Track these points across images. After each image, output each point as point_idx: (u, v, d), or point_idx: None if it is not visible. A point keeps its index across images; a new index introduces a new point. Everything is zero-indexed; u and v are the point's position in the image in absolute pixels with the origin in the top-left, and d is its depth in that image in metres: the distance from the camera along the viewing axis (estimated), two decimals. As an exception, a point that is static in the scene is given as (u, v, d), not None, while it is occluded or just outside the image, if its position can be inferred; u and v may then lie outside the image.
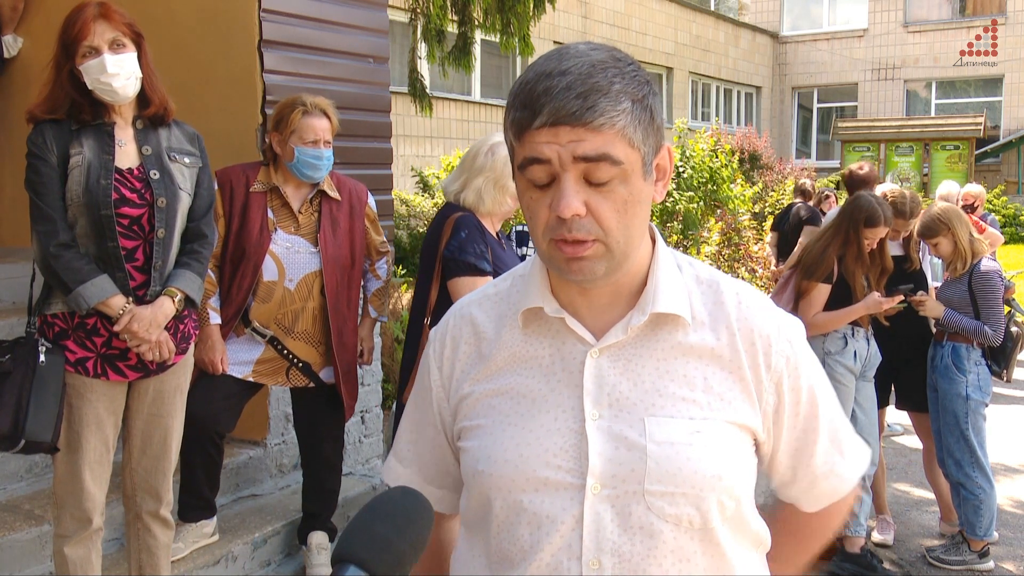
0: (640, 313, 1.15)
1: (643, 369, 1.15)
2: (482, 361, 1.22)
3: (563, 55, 1.06)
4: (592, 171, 1.05)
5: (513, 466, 1.14)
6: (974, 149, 18.27)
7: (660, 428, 1.12)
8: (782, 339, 1.19)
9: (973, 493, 3.92)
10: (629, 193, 1.07)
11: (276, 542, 3.55)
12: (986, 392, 3.96)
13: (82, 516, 2.56)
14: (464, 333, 1.26)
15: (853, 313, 3.80)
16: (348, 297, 3.32)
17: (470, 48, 6.65)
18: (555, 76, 1.04)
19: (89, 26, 2.45)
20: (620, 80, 1.05)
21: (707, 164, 9.03)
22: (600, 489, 1.11)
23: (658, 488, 1.11)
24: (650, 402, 1.14)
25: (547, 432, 1.14)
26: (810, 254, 3.93)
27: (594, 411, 1.14)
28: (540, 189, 1.08)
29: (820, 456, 1.23)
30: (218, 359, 3.14)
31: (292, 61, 3.95)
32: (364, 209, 3.39)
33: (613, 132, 1.04)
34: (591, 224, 1.06)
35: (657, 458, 1.11)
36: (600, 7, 16.20)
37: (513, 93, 1.09)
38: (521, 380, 1.19)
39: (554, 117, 1.03)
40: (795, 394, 1.20)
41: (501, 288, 1.27)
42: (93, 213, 2.48)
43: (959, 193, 6.78)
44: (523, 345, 1.20)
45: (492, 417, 1.19)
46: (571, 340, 1.18)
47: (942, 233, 3.93)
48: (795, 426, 1.21)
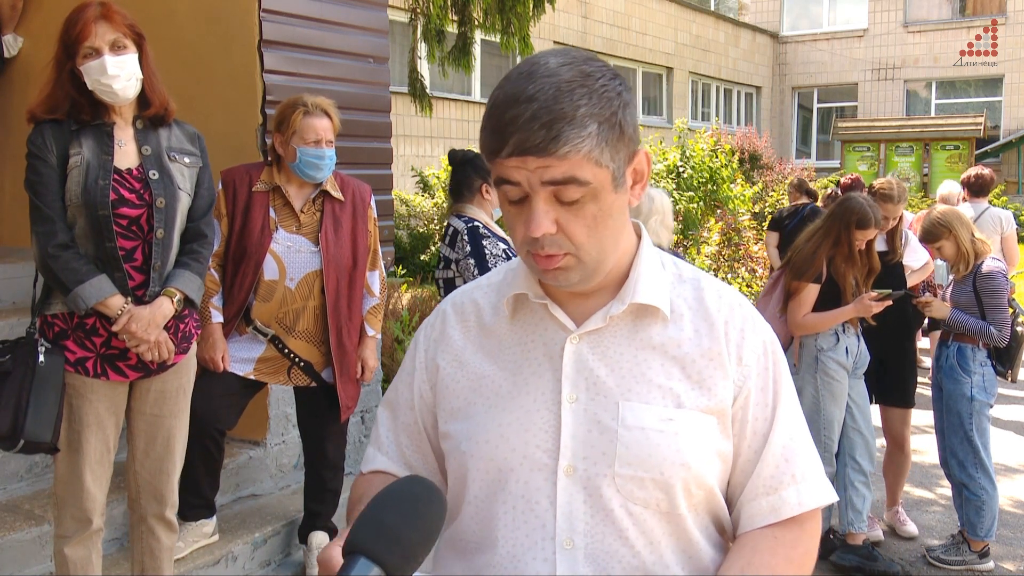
0: (620, 303, 1.20)
1: (621, 356, 1.19)
2: (471, 347, 1.27)
3: (532, 75, 1.08)
4: (560, 192, 1.08)
5: (493, 446, 1.18)
6: (974, 149, 18.26)
7: (633, 413, 1.16)
8: (757, 338, 1.22)
9: (976, 494, 3.92)
10: (599, 209, 1.11)
11: (276, 542, 3.55)
12: (991, 393, 3.95)
13: (82, 516, 2.56)
14: (457, 319, 1.31)
15: (843, 315, 3.83)
16: (349, 297, 3.31)
17: (470, 48, 6.66)
18: (521, 103, 1.06)
19: (90, 27, 2.45)
20: (587, 102, 1.06)
21: (707, 164, 9.03)
22: (573, 471, 1.16)
23: (627, 471, 1.14)
24: (626, 388, 1.17)
25: (526, 413, 1.19)
26: (800, 254, 3.94)
27: (571, 394, 1.18)
28: (515, 205, 1.12)
29: (768, 468, 1.21)
30: (219, 357, 3.15)
31: (292, 61, 3.95)
32: (367, 210, 3.37)
33: (579, 157, 1.06)
34: (562, 240, 1.11)
35: (627, 442, 1.15)
36: (600, 7, 16.19)
37: (486, 112, 1.11)
38: (505, 364, 1.23)
39: (520, 149, 1.06)
40: (761, 394, 1.21)
41: (494, 279, 1.33)
42: (91, 213, 2.47)
43: (960, 193, 6.77)
44: (510, 331, 1.25)
45: (476, 401, 1.23)
46: (553, 326, 1.22)
47: (944, 236, 3.93)
48: (755, 431, 1.21)
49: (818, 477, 1.23)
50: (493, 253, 3.34)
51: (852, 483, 3.93)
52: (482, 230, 3.35)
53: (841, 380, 3.90)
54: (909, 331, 4.16)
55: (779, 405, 1.22)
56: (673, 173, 8.87)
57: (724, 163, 9.20)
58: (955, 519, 4.21)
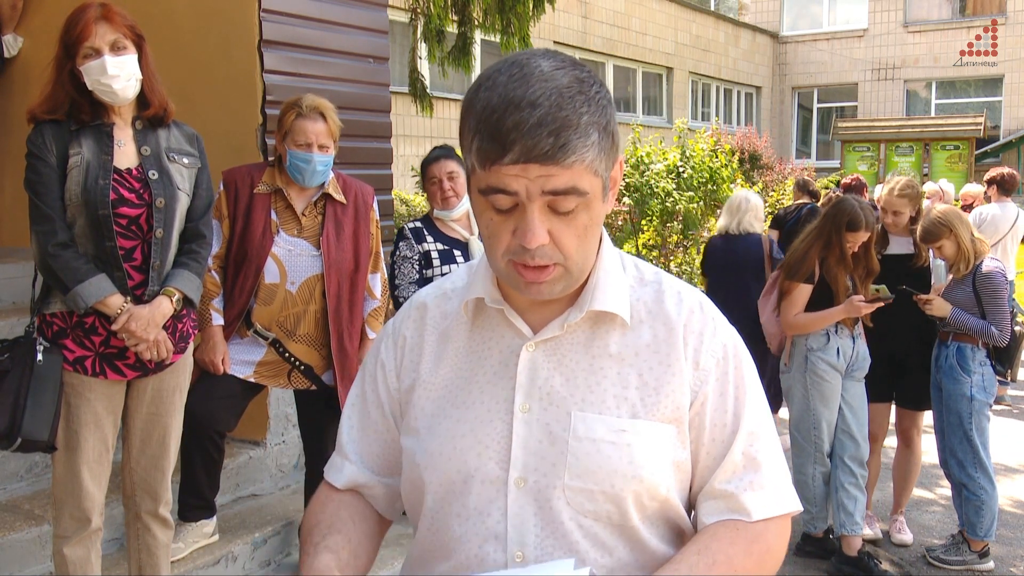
0: (578, 310, 1.17)
1: (576, 365, 1.16)
2: (430, 352, 1.24)
3: (528, 78, 1.03)
4: (558, 203, 1.05)
5: (446, 458, 1.16)
6: (974, 149, 18.25)
7: (584, 424, 1.13)
8: (716, 341, 1.19)
9: (975, 494, 3.92)
10: (590, 219, 1.09)
11: (276, 542, 3.55)
12: (990, 393, 3.95)
13: (81, 516, 2.56)
14: (418, 324, 1.28)
15: (833, 316, 3.83)
16: (350, 301, 3.28)
17: (470, 48, 6.66)
18: (524, 108, 1.01)
19: (91, 27, 2.46)
20: (587, 109, 1.03)
21: (707, 164, 9.03)
22: (523, 482, 1.13)
23: (576, 484, 1.12)
24: (580, 398, 1.15)
25: (480, 423, 1.16)
26: (793, 254, 3.98)
27: (524, 403, 1.15)
28: (502, 214, 1.07)
29: (726, 471, 1.17)
30: (219, 360, 3.14)
31: (292, 61, 3.95)
32: (370, 212, 3.35)
33: (583, 167, 1.04)
34: (552, 251, 1.08)
35: (577, 453, 1.12)
36: (600, 7, 16.19)
37: (477, 117, 1.05)
38: (461, 372, 1.21)
39: (526, 156, 1.01)
40: (720, 399, 1.17)
41: (457, 283, 1.29)
42: (91, 213, 2.48)
43: (935, 188, 6.87)
44: (467, 337, 1.22)
45: (431, 413, 1.21)
46: (509, 333, 1.19)
47: (944, 236, 3.93)
48: (713, 438, 1.17)
49: (780, 486, 1.19)
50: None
51: (842, 485, 3.92)
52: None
53: (831, 381, 3.90)
54: (928, 333, 4.13)
55: (740, 410, 1.18)
56: (673, 173, 8.85)
57: (724, 163, 9.18)
58: (955, 519, 4.22)
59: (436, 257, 3.60)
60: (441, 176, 3.62)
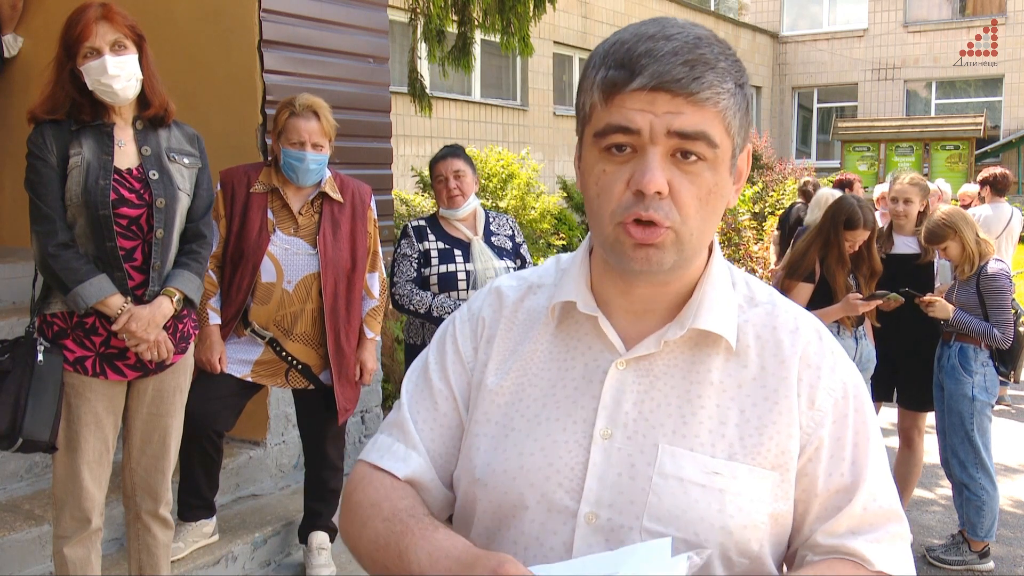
0: (678, 327, 1.03)
1: (671, 390, 1.02)
2: (503, 348, 1.11)
3: (663, 22, 0.95)
4: (686, 146, 0.94)
5: (510, 477, 1.03)
6: (974, 149, 18.26)
7: (673, 460, 0.99)
8: (836, 378, 1.03)
9: (976, 494, 3.92)
10: (715, 183, 0.96)
11: (276, 542, 3.55)
12: (992, 393, 3.95)
13: (81, 516, 2.56)
14: (496, 311, 1.14)
15: (830, 314, 3.83)
16: (348, 300, 3.28)
17: (470, 48, 6.65)
18: (659, 39, 0.92)
19: (91, 27, 2.46)
20: (726, 58, 0.95)
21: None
22: (595, 518, 0.99)
23: (656, 527, 0.97)
24: (671, 428, 1.00)
25: (553, 444, 1.03)
26: (794, 253, 4.01)
27: (606, 428, 1.01)
28: (617, 163, 0.95)
29: (841, 524, 1.02)
30: (216, 359, 3.14)
31: (292, 61, 3.95)
32: (367, 211, 3.35)
33: (715, 111, 0.94)
34: (669, 207, 0.94)
35: (661, 493, 0.98)
36: (600, 7, 16.20)
37: (603, 52, 0.96)
38: (537, 381, 1.07)
39: (656, 80, 0.91)
40: (837, 446, 1.02)
41: (544, 278, 1.15)
42: (91, 213, 2.48)
43: (933, 188, 6.92)
44: (550, 342, 1.08)
45: (497, 421, 1.07)
46: (599, 345, 1.05)
47: (949, 237, 3.92)
48: (828, 489, 1.01)
49: (899, 545, 1.03)
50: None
51: None
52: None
53: None
54: (929, 333, 4.12)
55: (862, 460, 1.02)
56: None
57: (724, 163, 9.21)
58: (955, 519, 4.21)
59: (435, 256, 3.60)
60: (447, 174, 3.62)
